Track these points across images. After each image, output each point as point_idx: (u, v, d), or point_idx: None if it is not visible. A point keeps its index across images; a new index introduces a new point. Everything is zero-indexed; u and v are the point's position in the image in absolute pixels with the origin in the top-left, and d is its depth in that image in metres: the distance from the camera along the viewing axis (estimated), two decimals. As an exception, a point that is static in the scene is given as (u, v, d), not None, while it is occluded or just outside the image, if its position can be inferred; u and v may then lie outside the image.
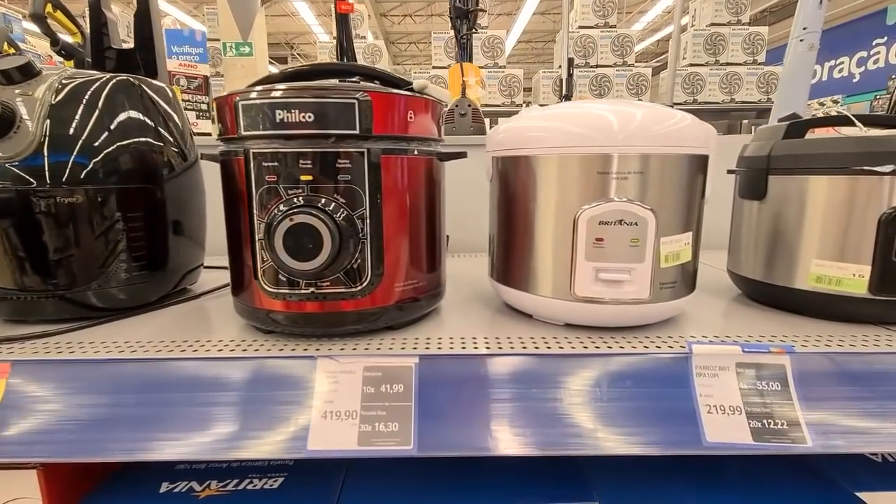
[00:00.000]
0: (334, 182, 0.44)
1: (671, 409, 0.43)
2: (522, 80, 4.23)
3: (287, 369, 0.45)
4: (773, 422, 0.43)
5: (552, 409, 0.43)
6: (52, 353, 0.46)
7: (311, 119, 0.43)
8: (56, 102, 0.52)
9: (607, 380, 0.44)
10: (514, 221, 0.54)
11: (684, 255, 0.49)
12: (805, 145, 0.54)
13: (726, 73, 4.12)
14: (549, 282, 0.51)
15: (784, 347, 0.45)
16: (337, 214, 0.44)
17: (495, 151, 0.56)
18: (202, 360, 0.46)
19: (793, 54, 1.47)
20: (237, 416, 0.43)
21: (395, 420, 0.43)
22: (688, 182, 0.48)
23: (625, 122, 0.46)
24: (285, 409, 0.43)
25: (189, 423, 0.43)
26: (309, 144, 0.43)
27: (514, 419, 0.43)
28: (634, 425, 0.43)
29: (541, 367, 0.45)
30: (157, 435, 0.43)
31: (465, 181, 0.88)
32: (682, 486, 0.53)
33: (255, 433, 0.43)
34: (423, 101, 0.49)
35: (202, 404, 0.44)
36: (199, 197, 0.69)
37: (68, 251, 0.53)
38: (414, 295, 0.51)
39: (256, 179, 0.45)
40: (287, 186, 0.44)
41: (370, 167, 0.45)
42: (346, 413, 0.43)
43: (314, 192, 0.44)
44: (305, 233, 0.43)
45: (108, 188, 0.54)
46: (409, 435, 0.42)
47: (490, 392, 0.44)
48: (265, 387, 0.45)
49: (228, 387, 0.45)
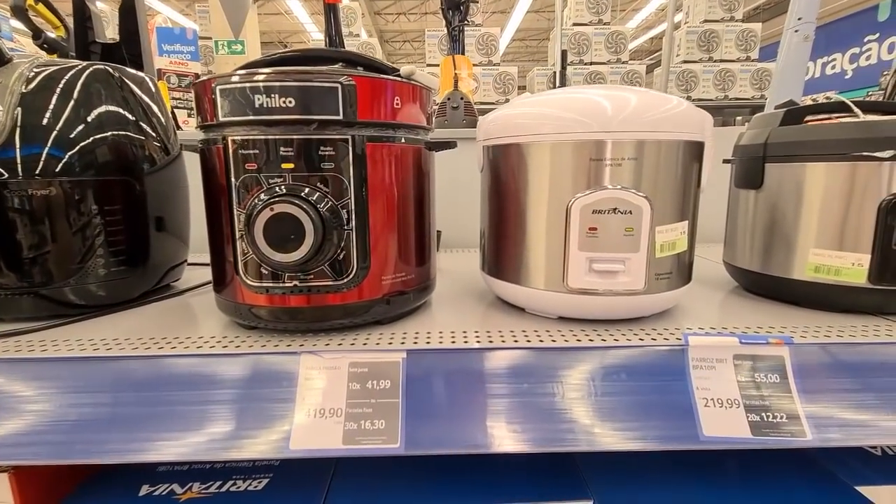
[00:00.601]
0: (317, 171, 0.42)
1: (667, 402, 0.42)
2: (517, 78, 4.21)
3: (269, 366, 0.43)
4: (771, 415, 0.41)
5: (546, 405, 0.42)
6: (25, 352, 0.44)
7: (293, 104, 0.41)
8: (28, 91, 0.50)
9: (602, 374, 0.43)
10: (505, 212, 0.52)
11: (680, 244, 0.48)
12: (803, 132, 0.52)
13: (720, 70, 4.12)
14: (541, 274, 0.50)
15: (782, 338, 0.44)
16: (320, 204, 0.42)
17: (485, 140, 0.54)
18: (181, 357, 0.44)
19: (787, 45, 1.46)
20: (217, 415, 0.42)
21: (382, 417, 0.41)
22: (683, 169, 0.47)
23: (619, 108, 0.45)
24: (267, 408, 0.42)
25: (167, 423, 0.41)
26: (290, 131, 0.42)
27: (507, 415, 0.41)
28: (630, 420, 0.41)
29: (534, 361, 0.43)
30: (135, 436, 0.41)
31: (458, 176, 0.86)
32: (678, 482, 0.51)
33: (235, 433, 0.41)
34: (411, 87, 0.47)
35: (180, 403, 0.42)
36: (182, 192, 0.67)
37: (43, 246, 0.51)
38: (402, 288, 0.50)
39: (236, 168, 0.43)
40: (268, 175, 0.42)
41: (355, 155, 0.43)
42: (330, 411, 0.41)
43: (296, 181, 0.42)
44: (287, 223, 0.41)
45: (83, 180, 0.52)
46: (395, 433, 0.41)
47: (481, 387, 0.42)
48: (246, 385, 0.43)
49: (208, 385, 0.43)
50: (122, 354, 0.44)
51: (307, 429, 0.41)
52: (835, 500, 0.48)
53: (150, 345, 0.45)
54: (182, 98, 2.24)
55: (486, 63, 4.15)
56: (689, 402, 0.42)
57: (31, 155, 0.49)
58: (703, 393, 0.42)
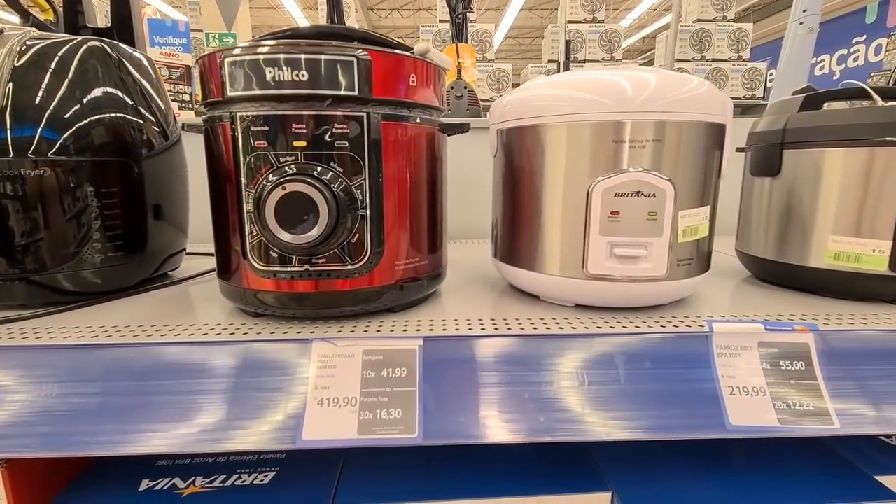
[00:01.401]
0: (331, 149, 0.40)
1: (692, 391, 0.41)
2: (511, 75, 4.20)
3: (278, 354, 0.41)
4: (798, 403, 0.41)
5: (569, 393, 0.40)
6: (18, 339, 0.42)
7: (306, 78, 0.39)
8: (19, 65, 0.47)
9: (625, 361, 0.41)
10: (520, 197, 0.50)
11: (702, 230, 0.46)
12: (823, 117, 0.52)
13: (712, 69, 4.14)
14: (558, 259, 0.48)
15: (807, 325, 0.43)
16: (334, 184, 0.40)
17: (500, 123, 0.53)
18: (185, 345, 0.42)
19: (792, 38, 1.46)
20: (223, 404, 0.40)
21: (398, 406, 0.39)
22: (706, 152, 0.45)
23: (640, 87, 0.43)
24: (276, 397, 0.40)
25: (171, 413, 0.39)
26: (303, 107, 0.40)
27: (528, 404, 0.40)
28: (654, 409, 0.40)
29: (555, 348, 0.42)
30: (135, 427, 0.39)
31: (462, 167, 0.85)
32: (694, 471, 0.50)
33: (242, 423, 0.39)
34: (427, 65, 0.45)
35: (185, 392, 0.40)
36: (181, 177, 0.65)
37: (36, 231, 0.48)
38: (415, 275, 0.48)
39: (244, 146, 0.41)
40: (279, 153, 0.40)
41: (370, 134, 0.41)
42: (344, 400, 0.40)
43: (309, 160, 0.40)
44: (300, 203, 0.39)
45: (78, 161, 0.49)
46: (413, 423, 0.39)
47: (500, 376, 0.41)
48: (254, 373, 0.41)
49: (213, 373, 0.41)
50: (122, 342, 0.41)
51: (320, 418, 0.39)
52: (856, 490, 0.47)
53: (153, 332, 0.43)
54: (174, 91, 2.19)
55: (481, 59, 4.13)
56: (715, 390, 0.41)
57: (22, 133, 0.47)
58: (728, 381, 0.41)
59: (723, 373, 0.41)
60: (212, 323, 0.46)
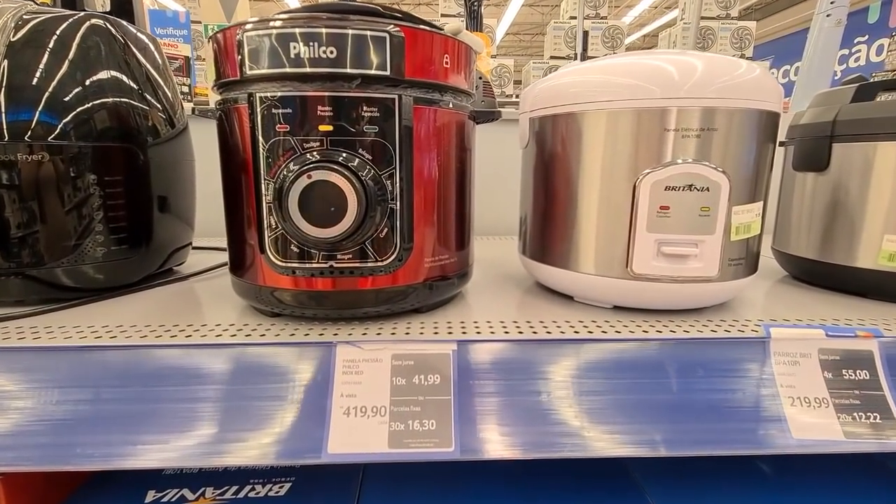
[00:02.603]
0: (360, 135, 0.37)
1: (750, 401, 0.38)
2: (513, 72, 4.16)
3: (298, 358, 0.38)
4: (864, 415, 0.37)
5: (620, 403, 0.37)
6: (14, 340, 0.38)
7: (333, 55, 0.35)
8: (15, 41, 0.43)
9: (676, 369, 0.38)
10: (554, 190, 0.47)
11: (755, 227, 0.43)
12: (878, 108, 0.48)
13: (716, 68, 4.11)
14: (595, 257, 0.45)
15: (871, 331, 0.40)
16: (363, 173, 0.36)
17: (532, 112, 0.49)
18: (194, 348, 0.38)
19: (818, 30, 1.42)
20: (237, 413, 0.36)
21: (432, 417, 0.36)
22: (760, 143, 0.42)
23: (689, 72, 0.40)
24: (297, 406, 0.36)
25: (178, 422, 0.36)
26: (329, 87, 0.36)
27: (573, 415, 0.37)
28: (710, 421, 0.37)
29: (601, 354, 0.39)
30: (143, 438, 0.35)
31: (480, 161, 0.81)
32: (740, 487, 0.47)
33: (261, 435, 0.36)
34: (460, 45, 0.42)
35: (194, 400, 0.36)
36: (188, 167, 0.61)
37: (33, 222, 0.45)
38: (443, 273, 0.45)
39: (264, 131, 0.37)
40: (302, 139, 0.37)
41: (402, 118, 0.38)
42: (372, 409, 0.36)
43: (335, 146, 0.37)
44: (326, 193, 0.35)
45: (79, 147, 0.46)
46: (448, 435, 0.36)
47: (543, 383, 0.38)
48: (271, 379, 0.37)
49: (226, 379, 0.37)
50: (127, 343, 0.38)
51: (346, 430, 0.35)
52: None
53: (161, 333, 0.39)
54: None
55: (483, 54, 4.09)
56: (775, 402, 0.37)
57: (18, 115, 0.43)
58: (788, 391, 0.38)
59: (782, 382, 0.38)
60: (225, 323, 0.42)
